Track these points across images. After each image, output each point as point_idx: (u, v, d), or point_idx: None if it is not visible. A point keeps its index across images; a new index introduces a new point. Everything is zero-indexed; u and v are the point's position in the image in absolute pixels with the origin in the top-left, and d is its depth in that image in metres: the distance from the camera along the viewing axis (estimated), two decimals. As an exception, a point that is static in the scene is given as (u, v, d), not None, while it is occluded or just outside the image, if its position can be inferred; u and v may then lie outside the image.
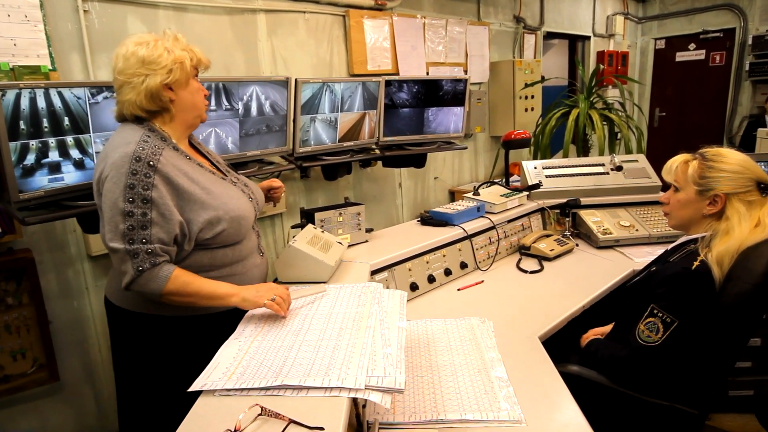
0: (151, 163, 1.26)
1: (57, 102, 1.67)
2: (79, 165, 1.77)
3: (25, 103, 1.60)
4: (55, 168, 1.71)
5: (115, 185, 1.23)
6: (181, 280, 1.27)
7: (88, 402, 2.34)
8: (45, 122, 1.66)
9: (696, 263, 1.37)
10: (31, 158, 1.65)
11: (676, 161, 1.52)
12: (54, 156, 1.70)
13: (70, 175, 1.76)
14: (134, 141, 1.28)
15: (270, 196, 1.76)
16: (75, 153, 1.75)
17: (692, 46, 6.30)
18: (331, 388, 0.94)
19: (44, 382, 2.10)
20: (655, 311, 1.39)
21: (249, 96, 2.33)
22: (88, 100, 1.74)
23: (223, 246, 1.39)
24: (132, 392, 1.50)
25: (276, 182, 1.76)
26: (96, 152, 1.80)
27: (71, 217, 1.92)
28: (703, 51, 6.23)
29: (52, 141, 1.69)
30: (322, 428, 0.85)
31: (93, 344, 2.32)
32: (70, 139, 1.73)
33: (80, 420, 2.32)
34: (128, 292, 1.32)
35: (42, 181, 1.69)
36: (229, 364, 1.04)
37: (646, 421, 1.46)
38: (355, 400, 1.01)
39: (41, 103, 1.64)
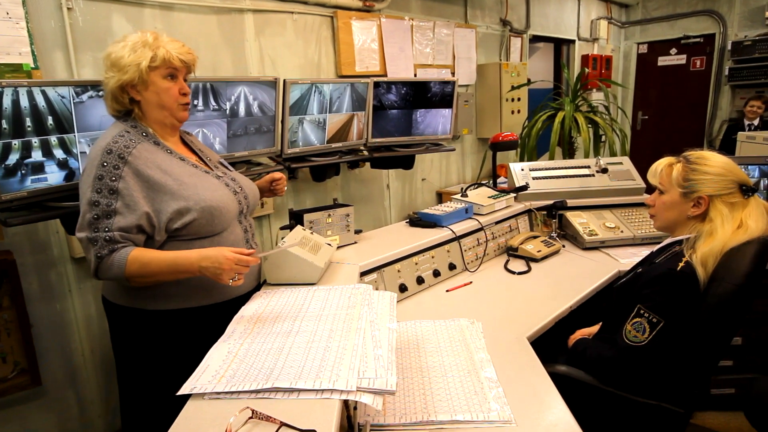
0: (122, 155, 1.30)
1: (41, 101, 1.64)
2: (63, 165, 1.74)
3: (7, 102, 1.57)
4: (38, 168, 1.68)
5: (87, 177, 1.30)
6: (139, 262, 1.29)
7: (71, 407, 2.29)
8: (28, 121, 1.63)
9: (681, 264, 1.40)
10: (13, 158, 1.62)
11: (660, 164, 1.55)
12: (37, 156, 1.67)
13: (54, 176, 1.73)
14: (111, 135, 1.33)
15: (273, 188, 1.76)
16: (59, 153, 1.72)
17: (674, 50, 6.43)
18: (323, 390, 0.93)
19: (26, 386, 2.05)
20: (642, 311, 1.41)
21: (237, 96, 2.31)
22: (73, 99, 1.72)
23: (198, 238, 1.39)
24: (134, 389, 1.51)
25: (277, 174, 1.76)
26: (81, 152, 1.77)
27: (54, 218, 1.89)
28: (684, 56, 6.36)
29: (35, 141, 1.65)
30: (313, 430, 0.85)
31: (76, 348, 2.28)
32: (53, 139, 1.70)
33: (63, 425, 2.27)
34: (122, 289, 1.39)
35: (25, 181, 1.66)
36: (219, 367, 1.03)
37: (633, 419, 1.48)
38: (346, 402, 1.01)
39: (24, 102, 1.61)
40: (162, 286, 1.37)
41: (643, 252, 1.72)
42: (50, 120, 1.68)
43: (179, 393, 0.96)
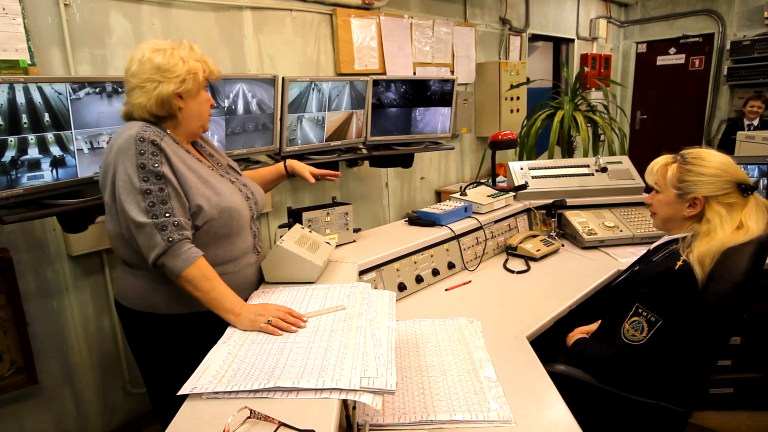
0: (155, 142, 1.30)
1: (37, 97, 1.63)
2: (59, 162, 1.73)
3: (2, 99, 1.56)
4: (34, 165, 1.67)
5: (127, 167, 1.27)
6: (201, 272, 1.29)
7: (68, 406, 2.28)
8: (24, 118, 1.61)
9: (679, 263, 1.39)
10: (9, 155, 1.60)
11: (657, 164, 1.54)
12: (33, 153, 1.66)
13: (51, 173, 1.71)
14: (137, 126, 1.33)
15: (327, 175, 1.84)
16: (56, 150, 1.71)
17: (672, 50, 6.43)
18: (323, 389, 0.93)
19: (22, 385, 2.04)
20: (640, 310, 1.41)
21: (235, 94, 2.30)
22: (70, 96, 1.70)
23: (214, 241, 1.39)
24: (163, 389, 1.50)
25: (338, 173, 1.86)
26: (77, 149, 1.76)
27: (51, 215, 1.88)
28: (683, 55, 6.36)
29: (31, 137, 1.64)
30: (312, 431, 0.84)
31: (73, 346, 2.27)
32: (50, 136, 1.69)
33: (59, 424, 2.26)
34: (136, 294, 1.40)
35: (21, 178, 1.64)
36: (219, 368, 1.02)
37: (632, 418, 1.48)
38: (345, 402, 1.00)
39: (20, 98, 1.59)
40: (181, 290, 1.34)
41: (643, 251, 1.71)
42: (47, 117, 1.66)
43: (179, 393, 0.95)
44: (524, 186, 2.59)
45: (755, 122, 4.85)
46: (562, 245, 2.43)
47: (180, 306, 1.39)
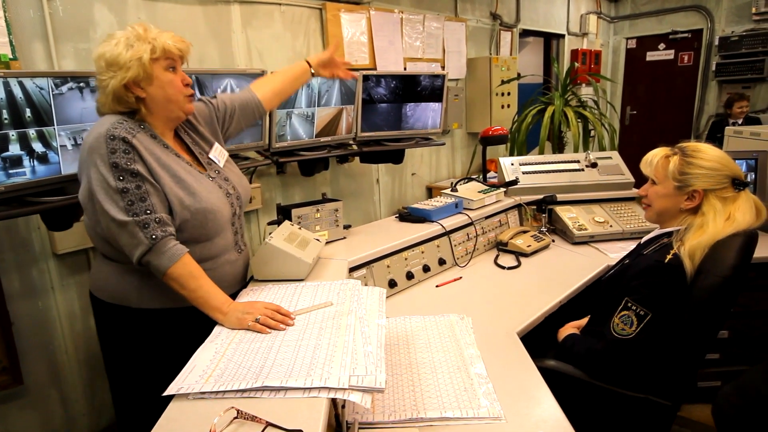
0: (126, 139, 1.26)
1: (18, 92, 1.59)
2: (42, 159, 1.69)
3: (-18, 94, 1.52)
4: (16, 162, 1.63)
5: (100, 167, 1.23)
6: (187, 269, 1.26)
7: (54, 406, 2.25)
8: (5, 114, 1.57)
9: (669, 256, 1.40)
10: (-11, 152, 1.57)
11: (656, 155, 1.54)
12: (15, 149, 1.62)
13: (32, 170, 1.68)
14: (109, 123, 1.28)
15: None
16: (38, 146, 1.67)
17: (662, 46, 6.46)
18: (312, 388, 0.91)
19: (7, 386, 2.00)
20: (629, 304, 1.41)
21: (223, 89, 2.27)
22: (52, 91, 1.66)
23: (190, 241, 1.35)
24: (125, 387, 1.48)
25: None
26: (61, 145, 1.72)
27: (34, 213, 1.84)
28: (672, 51, 6.39)
29: (12, 134, 1.60)
30: (300, 431, 0.83)
31: (59, 346, 2.23)
32: (32, 132, 1.65)
33: (46, 425, 2.23)
34: (112, 285, 1.37)
35: (2, 175, 1.61)
36: (206, 367, 1.00)
37: (621, 413, 1.49)
38: (334, 401, 0.99)
39: (0, 93, 1.55)
40: (153, 284, 1.32)
41: (632, 246, 1.72)
42: (28, 112, 1.62)
43: (165, 393, 0.93)
44: (515, 182, 2.59)
45: (740, 120, 4.91)
46: (553, 241, 2.44)
47: (152, 301, 1.35)
